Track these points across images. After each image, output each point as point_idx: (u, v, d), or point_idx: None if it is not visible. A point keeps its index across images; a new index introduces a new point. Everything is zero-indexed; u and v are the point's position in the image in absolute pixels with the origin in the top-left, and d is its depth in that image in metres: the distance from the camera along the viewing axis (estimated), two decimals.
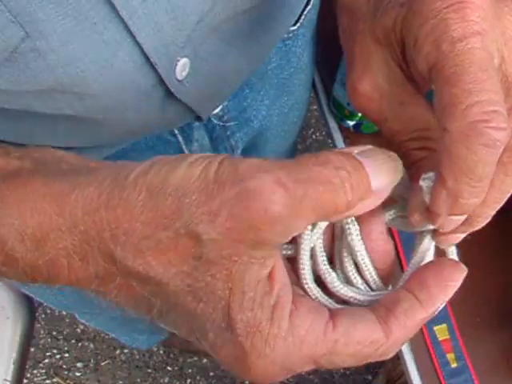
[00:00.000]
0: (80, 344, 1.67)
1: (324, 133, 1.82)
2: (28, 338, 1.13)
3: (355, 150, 0.32)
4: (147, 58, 0.43)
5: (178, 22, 0.43)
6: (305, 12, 0.67)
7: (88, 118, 0.46)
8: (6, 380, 1.07)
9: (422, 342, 0.73)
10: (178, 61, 0.46)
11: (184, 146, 0.63)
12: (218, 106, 0.61)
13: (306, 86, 0.83)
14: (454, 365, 0.72)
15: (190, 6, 0.43)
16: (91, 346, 1.67)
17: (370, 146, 0.33)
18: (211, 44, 0.50)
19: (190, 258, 0.30)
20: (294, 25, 0.66)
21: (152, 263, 0.30)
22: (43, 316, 1.68)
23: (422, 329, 0.73)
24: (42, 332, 1.67)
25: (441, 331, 0.73)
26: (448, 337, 0.73)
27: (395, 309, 0.33)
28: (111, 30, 0.40)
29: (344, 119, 0.82)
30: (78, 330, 1.68)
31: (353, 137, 0.84)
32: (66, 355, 1.66)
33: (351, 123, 0.82)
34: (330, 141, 0.87)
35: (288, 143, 0.94)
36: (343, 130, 0.85)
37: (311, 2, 0.68)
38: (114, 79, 0.43)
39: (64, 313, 1.68)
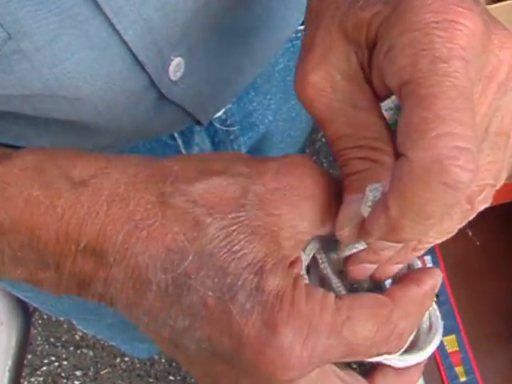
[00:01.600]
0: (79, 351, 1.65)
1: None
2: (24, 345, 1.12)
3: None
4: (137, 58, 0.41)
5: (168, 19, 0.41)
6: None
7: (80, 121, 0.45)
8: None
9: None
10: (172, 60, 0.45)
11: (183, 150, 0.62)
12: (219, 110, 0.59)
13: None
14: (462, 379, 0.69)
15: (181, 1, 0.41)
16: (90, 353, 1.64)
17: None
18: (209, 42, 0.48)
19: (236, 207, 0.31)
20: (303, 24, 0.63)
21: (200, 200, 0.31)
22: (40, 321, 1.66)
23: None
24: (39, 338, 1.65)
25: (450, 342, 0.70)
26: (457, 349, 0.70)
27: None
28: (97, 28, 0.38)
29: None
30: (77, 337, 1.66)
31: None
32: (65, 363, 1.64)
33: None
34: None
35: (294, 150, 0.92)
36: None
37: None
38: (103, 80, 0.41)
39: (62, 318, 1.65)
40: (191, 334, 0.30)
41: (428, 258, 0.74)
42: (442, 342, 0.70)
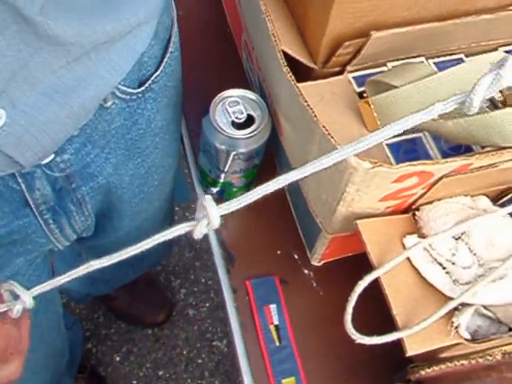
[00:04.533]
0: None
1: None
2: None
3: None
4: None
5: None
6: (152, 77, 0.70)
7: None
8: None
9: None
10: None
11: (27, 194, 0.65)
12: (41, 157, 0.62)
13: (165, 151, 0.85)
14: None
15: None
16: None
17: None
18: (30, 97, 0.52)
19: None
20: (140, 86, 0.69)
21: None
22: None
23: (269, 380, 0.75)
24: None
25: None
26: None
27: None
28: None
29: (208, 186, 0.85)
30: None
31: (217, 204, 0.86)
32: None
33: (214, 190, 0.84)
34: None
35: (152, 205, 0.96)
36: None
37: (160, 69, 0.71)
38: None
39: None
40: None
41: (273, 307, 0.79)
42: (281, 383, 0.75)
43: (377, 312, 0.66)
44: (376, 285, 0.66)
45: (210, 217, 0.41)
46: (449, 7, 0.74)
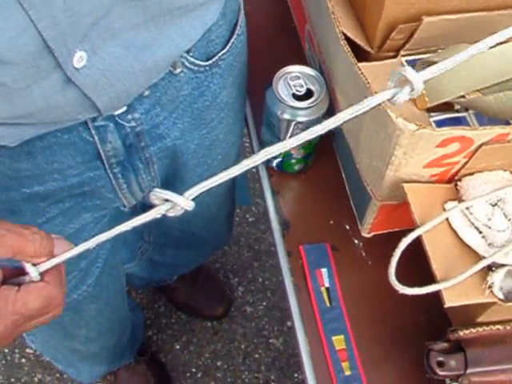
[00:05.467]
0: None
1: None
2: None
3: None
4: (47, 43, 0.53)
5: (73, 20, 0.53)
6: (219, 54, 0.78)
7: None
8: None
9: (321, 349, 0.81)
10: (76, 52, 0.56)
11: (99, 146, 0.72)
12: (117, 106, 0.68)
13: (229, 128, 0.92)
14: (347, 372, 0.80)
15: (85, 9, 0.53)
16: None
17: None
18: (109, 46, 0.59)
19: None
20: (207, 60, 0.76)
21: None
22: (3, 362, 1.73)
23: (321, 337, 0.81)
24: (0, 377, 1.71)
25: (338, 341, 0.81)
26: (344, 347, 0.81)
27: None
28: (15, 16, 0.49)
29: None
30: (36, 379, 1.72)
31: (276, 175, 0.94)
32: None
33: (275, 162, 0.92)
34: (257, 176, 0.96)
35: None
36: (269, 168, 0.95)
37: (226, 48, 0.79)
38: (19, 55, 0.53)
39: (23, 360, 1.73)
40: None
41: (325, 270, 0.86)
42: (331, 340, 0.81)
43: (419, 273, 0.71)
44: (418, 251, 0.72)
45: (413, 83, 0.45)
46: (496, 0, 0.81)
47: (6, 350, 1.74)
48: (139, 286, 1.74)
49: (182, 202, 0.47)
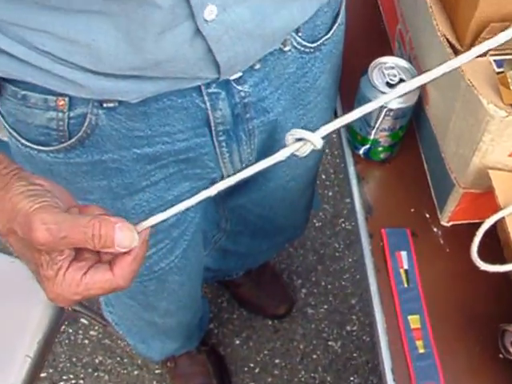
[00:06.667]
0: (96, 374, 1.77)
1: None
2: (55, 326, 1.24)
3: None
4: None
5: None
6: (322, 39, 0.83)
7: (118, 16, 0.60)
8: (27, 356, 1.18)
9: (396, 327, 0.85)
10: (208, 5, 0.62)
11: (210, 113, 0.77)
12: (234, 69, 0.73)
13: (321, 114, 0.96)
14: (421, 350, 0.83)
15: None
16: (106, 377, 1.77)
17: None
18: (238, 7, 0.65)
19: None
20: (313, 42, 0.82)
21: None
22: (66, 341, 1.80)
23: (397, 316, 0.85)
24: (62, 356, 1.78)
25: (414, 321, 0.85)
26: (419, 326, 0.85)
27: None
28: None
29: (356, 144, 0.97)
30: (97, 361, 1.79)
31: (362, 162, 0.99)
32: (81, 382, 1.76)
33: (362, 148, 0.97)
34: (342, 165, 1.02)
35: (303, 168, 1.08)
36: (355, 155, 0.99)
37: (329, 34, 0.85)
38: (165, 1, 0.59)
39: (86, 341, 1.80)
40: None
41: (404, 253, 0.90)
42: (407, 319, 0.86)
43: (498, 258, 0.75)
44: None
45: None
46: None
47: (70, 331, 1.82)
48: (206, 278, 1.78)
49: (315, 140, 0.54)
